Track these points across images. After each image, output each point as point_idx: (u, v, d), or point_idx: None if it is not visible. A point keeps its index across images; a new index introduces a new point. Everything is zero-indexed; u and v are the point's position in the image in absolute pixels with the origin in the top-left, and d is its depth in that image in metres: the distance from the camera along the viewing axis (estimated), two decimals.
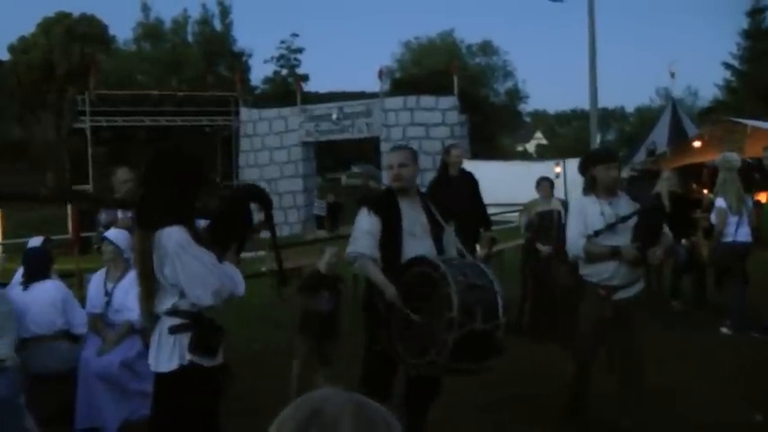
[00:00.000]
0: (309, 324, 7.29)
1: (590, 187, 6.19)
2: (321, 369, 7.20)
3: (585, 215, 6.05)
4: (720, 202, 9.48)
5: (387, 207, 5.59)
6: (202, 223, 4.42)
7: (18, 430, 5.86)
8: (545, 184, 10.08)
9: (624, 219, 5.90)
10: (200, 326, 4.10)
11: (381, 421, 1.41)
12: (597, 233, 5.94)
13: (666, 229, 6.09)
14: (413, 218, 5.58)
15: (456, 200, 8.41)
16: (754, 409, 6.42)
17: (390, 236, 5.47)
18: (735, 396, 6.92)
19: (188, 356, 4.08)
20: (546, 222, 9.85)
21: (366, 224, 5.52)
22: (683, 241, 10.88)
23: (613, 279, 5.95)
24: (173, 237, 4.05)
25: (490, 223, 9.60)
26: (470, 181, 9.54)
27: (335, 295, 7.38)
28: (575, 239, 6.03)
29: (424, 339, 5.01)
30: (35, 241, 7.25)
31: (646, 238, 5.82)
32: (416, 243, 5.48)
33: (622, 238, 5.89)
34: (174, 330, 4.14)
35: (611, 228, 5.90)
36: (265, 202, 4.57)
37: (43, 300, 6.62)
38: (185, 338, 4.09)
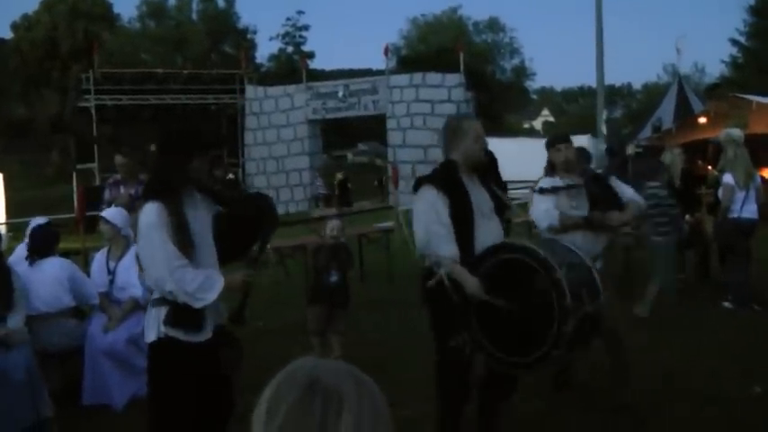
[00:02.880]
0: (320, 297, 7.45)
1: (550, 169, 6.49)
2: (335, 338, 7.36)
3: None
4: (728, 178, 9.46)
5: (453, 184, 4.89)
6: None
7: (35, 403, 5.92)
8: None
9: (570, 186, 6.09)
10: (176, 301, 4.10)
11: (374, 386, 1.45)
12: (543, 191, 6.16)
13: (632, 196, 6.30)
14: (479, 195, 4.97)
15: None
16: (753, 381, 6.47)
17: (460, 217, 4.79)
18: (735, 368, 6.98)
19: (163, 329, 4.12)
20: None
21: (436, 206, 4.78)
22: (687, 217, 10.88)
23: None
24: (146, 215, 4.10)
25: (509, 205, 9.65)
26: (490, 161, 9.56)
27: (343, 265, 7.52)
28: (548, 212, 6.08)
29: (525, 333, 4.61)
30: (38, 221, 7.28)
31: (603, 205, 6.01)
32: (487, 224, 4.91)
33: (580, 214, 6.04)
34: (153, 303, 4.23)
35: (555, 191, 6.09)
36: (272, 225, 4.62)
37: (50, 277, 6.66)
38: (163, 312, 4.14)
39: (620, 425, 5.69)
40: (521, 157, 18.33)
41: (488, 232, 4.86)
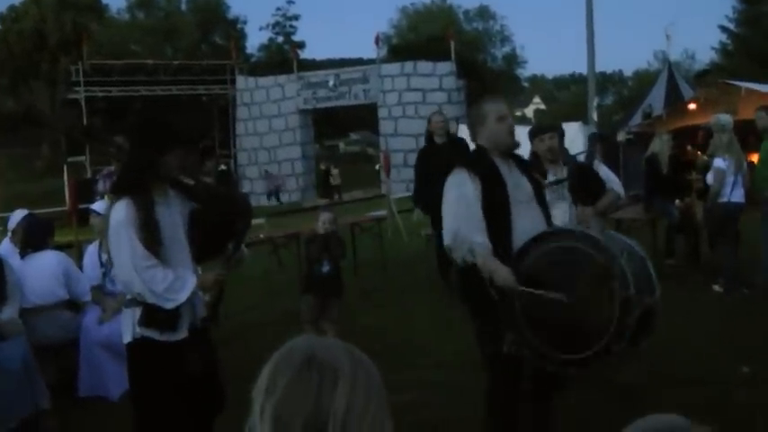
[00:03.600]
0: (313, 287, 7.50)
1: (534, 160, 6.33)
2: (329, 326, 7.41)
3: None
4: (719, 163, 9.53)
5: (487, 169, 4.52)
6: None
7: (32, 395, 5.94)
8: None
9: (558, 182, 5.96)
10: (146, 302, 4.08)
11: (369, 362, 1.50)
12: None
13: (612, 184, 6.35)
14: (516, 181, 4.59)
15: (442, 166, 8.51)
16: (742, 363, 6.56)
17: (496, 205, 4.43)
18: (723, 350, 7.09)
19: (138, 330, 4.10)
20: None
21: (467, 194, 4.43)
22: (677, 202, 10.98)
23: None
24: (115, 212, 4.05)
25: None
26: (460, 147, 9.60)
27: (335, 255, 7.56)
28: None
29: (578, 327, 4.23)
30: (19, 214, 7.24)
31: (583, 198, 5.97)
32: (527, 212, 4.52)
33: (564, 204, 5.94)
34: (127, 304, 4.20)
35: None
36: (246, 224, 4.52)
37: (44, 270, 6.67)
38: (138, 312, 4.11)
39: (610, 406, 5.75)
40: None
41: (529, 221, 4.47)
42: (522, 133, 5.02)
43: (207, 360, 4.35)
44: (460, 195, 4.45)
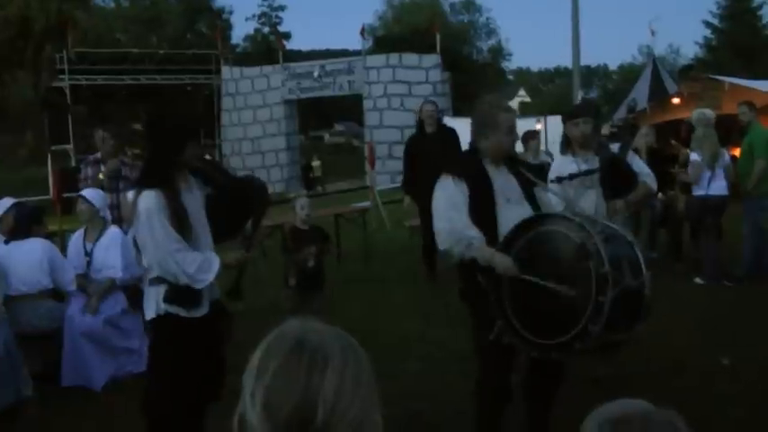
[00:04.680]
0: (295, 279, 7.45)
1: (566, 145, 6.24)
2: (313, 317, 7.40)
3: (560, 174, 5.93)
4: (695, 156, 9.66)
5: (474, 171, 4.65)
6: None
7: (14, 382, 5.95)
8: (533, 139, 10.14)
9: (588, 172, 5.87)
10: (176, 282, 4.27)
11: (358, 346, 1.53)
12: (560, 179, 5.83)
13: (646, 177, 6.10)
14: (504, 182, 4.70)
15: (431, 155, 8.49)
16: (722, 353, 6.67)
17: (483, 204, 4.56)
18: (704, 341, 7.19)
19: (163, 306, 4.29)
20: (537, 177, 9.90)
21: (455, 197, 4.57)
22: (660, 195, 11.05)
23: None
24: (144, 201, 4.23)
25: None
26: (449, 136, 9.62)
27: (317, 247, 7.52)
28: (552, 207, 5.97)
29: (558, 312, 4.27)
30: (7, 202, 7.23)
31: (613, 190, 5.82)
32: (515, 210, 4.60)
33: (593, 194, 5.90)
34: (151, 282, 4.36)
35: (572, 178, 5.81)
36: (264, 205, 4.82)
37: (30, 258, 6.66)
38: (162, 290, 4.30)
39: (589, 395, 5.79)
40: None
41: (515, 219, 4.51)
42: None
43: (223, 334, 4.67)
44: (448, 199, 4.56)
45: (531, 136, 10.24)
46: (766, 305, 8.36)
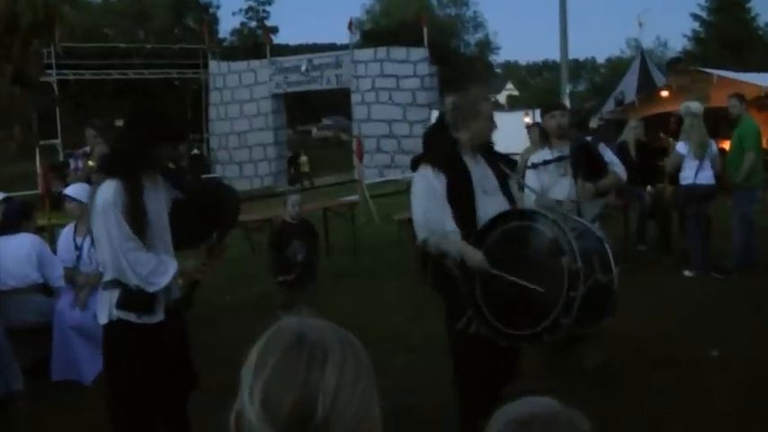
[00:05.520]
0: (286, 273, 7.45)
1: (544, 138, 6.61)
2: (306, 309, 7.40)
3: (536, 161, 6.41)
4: (680, 147, 9.72)
5: (452, 161, 4.72)
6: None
7: (4, 375, 5.95)
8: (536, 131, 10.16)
9: (561, 158, 6.21)
10: (126, 284, 4.12)
11: (357, 342, 1.51)
12: (535, 165, 6.30)
13: (616, 167, 6.40)
14: (481, 172, 4.78)
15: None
16: (711, 346, 6.69)
17: (461, 194, 4.63)
18: (693, 333, 7.21)
19: (115, 312, 4.15)
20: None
21: (433, 186, 4.63)
22: (649, 188, 11.09)
23: None
24: (103, 192, 4.07)
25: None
26: None
27: (307, 241, 7.54)
28: (528, 194, 6.04)
29: (530, 305, 4.38)
30: None
31: (585, 175, 6.09)
32: (491, 201, 4.70)
33: (566, 182, 6.16)
34: (104, 286, 4.23)
35: (546, 164, 6.25)
36: (232, 218, 4.68)
37: (19, 253, 6.66)
38: (115, 294, 4.15)
39: (580, 388, 5.81)
40: None
41: (494, 210, 4.63)
42: (495, 118, 5.06)
43: (181, 342, 4.45)
44: (427, 190, 4.63)
45: (531, 129, 10.35)
46: (755, 297, 8.37)
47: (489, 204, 4.66)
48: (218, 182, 5.27)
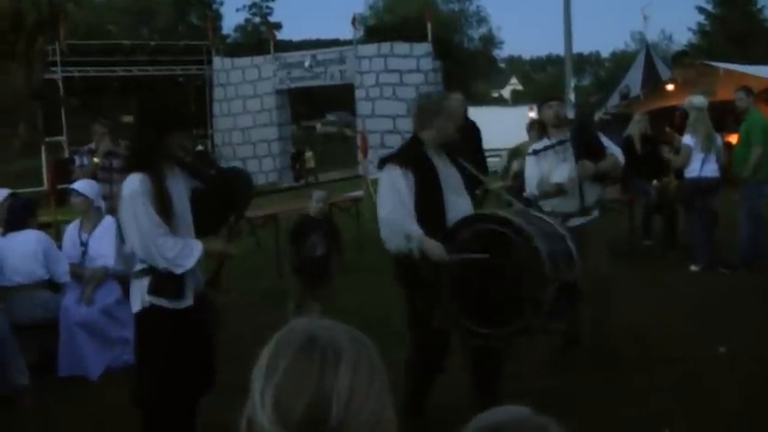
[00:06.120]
0: (302, 267, 7.46)
1: (542, 130, 6.81)
2: (315, 305, 7.40)
3: (536, 147, 6.61)
4: (687, 139, 9.68)
5: (419, 161, 4.82)
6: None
7: (11, 371, 5.96)
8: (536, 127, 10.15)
9: (561, 142, 6.34)
10: (157, 270, 4.24)
11: (368, 341, 1.49)
12: (536, 152, 6.49)
13: (614, 151, 6.53)
14: (447, 171, 4.90)
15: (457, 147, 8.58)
16: (718, 342, 6.65)
17: (429, 194, 4.74)
18: (700, 330, 7.17)
19: (147, 298, 4.28)
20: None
21: (399, 187, 4.73)
22: (654, 182, 11.06)
23: (560, 206, 6.26)
24: (129, 185, 4.24)
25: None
26: (473, 131, 9.61)
27: (327, 237, 7.53)
28: (529, 181, 6.48)
29: (502, 305, 4.52)
30: (1, 194, 7.23)
31: (584, 155, 6.22)
32: (457, 200, 4.85)
33: (566, 167, 6.24)
34: (136, 275, 4.37)
35: (546, 149, 6.40)
36: (247, 198, 4.86)
37: (24, 249, 6.68)
38: (146, 282, 4.28)
39: (586, 385, 5.80)
40: (489, 126, 18.39)
41: (458, 209, 4.80)
42: (498, 113, 5.13)
43: (209, 326, 4.64)
44: (393, 189, 4.74)
45: (532, 124, 10.31)
46: (762, 292, 8.33)
47: (456, 203, 4.81)
48: (237, 170, 5.43)
